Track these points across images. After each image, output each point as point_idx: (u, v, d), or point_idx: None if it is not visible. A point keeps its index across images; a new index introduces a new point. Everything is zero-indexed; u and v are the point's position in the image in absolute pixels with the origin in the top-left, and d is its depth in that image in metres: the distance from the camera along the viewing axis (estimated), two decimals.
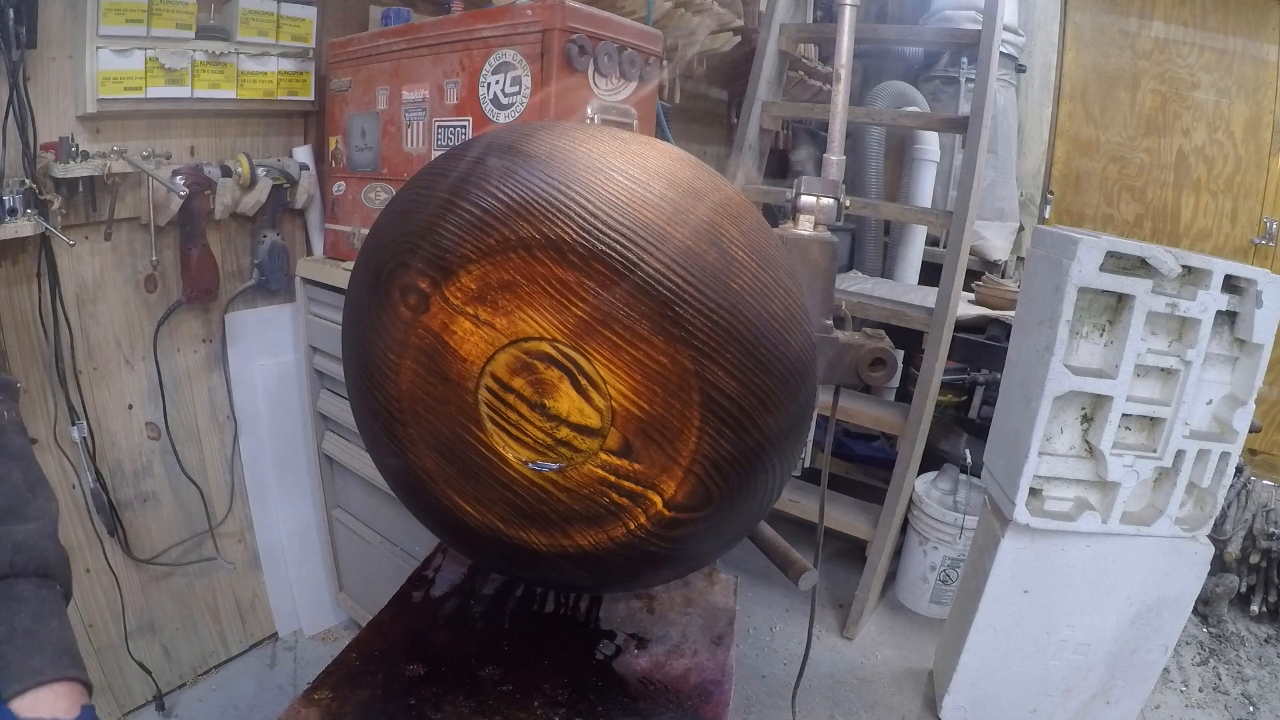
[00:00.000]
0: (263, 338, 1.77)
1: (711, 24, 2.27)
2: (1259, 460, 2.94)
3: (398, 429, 0.56)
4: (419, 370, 0.54)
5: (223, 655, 1.80)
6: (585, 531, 0.56)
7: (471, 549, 0.64)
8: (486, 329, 0.51)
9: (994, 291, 2.41)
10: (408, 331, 0.53)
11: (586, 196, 0.49)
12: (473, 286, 0.51)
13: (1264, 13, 2.98)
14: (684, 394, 0.50)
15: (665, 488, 0.53)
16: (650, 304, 0.49)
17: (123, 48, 1.36)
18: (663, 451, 0.52)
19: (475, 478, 0.55)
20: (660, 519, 0.54)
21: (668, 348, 0.50)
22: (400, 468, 0.58)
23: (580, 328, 0.50)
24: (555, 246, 0.49)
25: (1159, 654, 1.66)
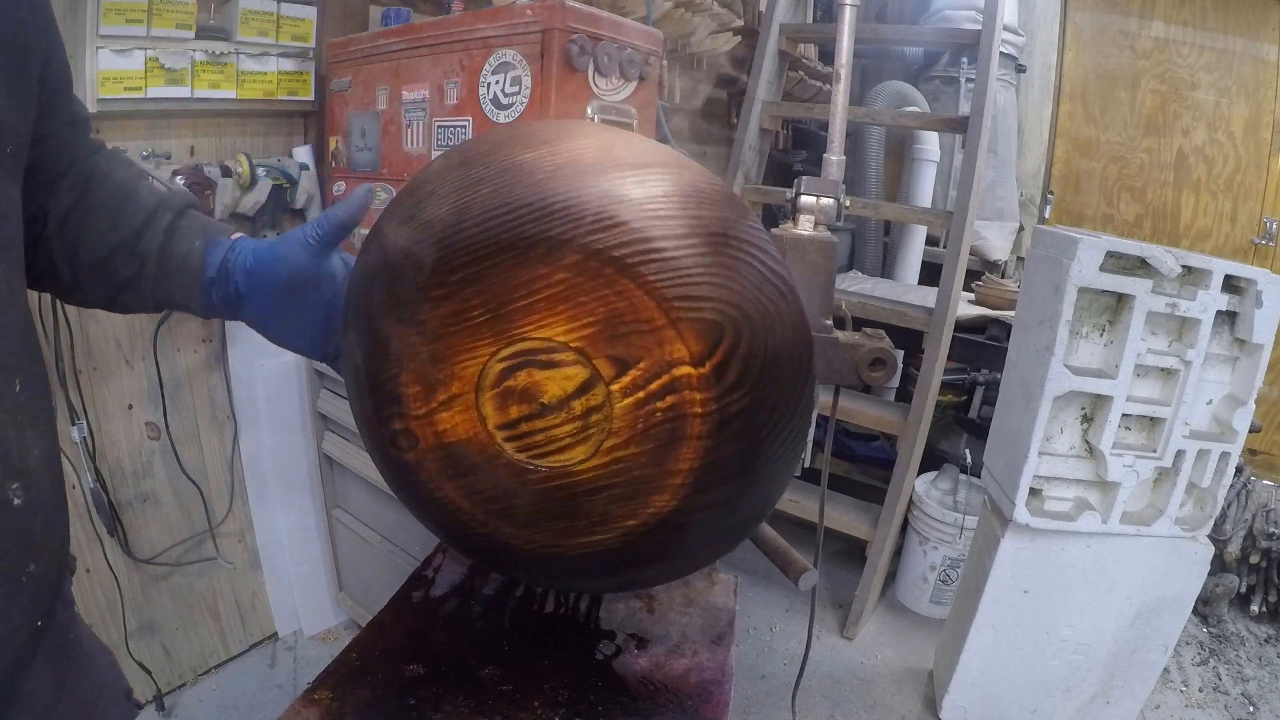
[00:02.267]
0: (263, 338, 1.77)
1: (711, 24, 2.27)
2: (1259, 460, 2.94)
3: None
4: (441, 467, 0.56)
5: (223, 655, 1.80)
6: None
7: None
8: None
9: (994, 291, 2.41)
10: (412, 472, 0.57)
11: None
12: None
13: (1264, 13, 2.98)
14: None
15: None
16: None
17: (122, 48, 1.36)
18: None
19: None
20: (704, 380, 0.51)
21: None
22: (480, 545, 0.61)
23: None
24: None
25: (1159, 654, 1.66)
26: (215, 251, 0.63)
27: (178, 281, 0.63)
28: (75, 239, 0.60)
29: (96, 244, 0.60)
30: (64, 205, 0.59)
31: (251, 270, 0.63)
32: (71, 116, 0.60)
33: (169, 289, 0.63)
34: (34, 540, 0.48)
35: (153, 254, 0.61)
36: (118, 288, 0.62)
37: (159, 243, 0.61)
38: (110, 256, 0.60)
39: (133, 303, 0.64)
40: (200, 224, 0.64)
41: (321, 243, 0.63)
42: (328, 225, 0.62)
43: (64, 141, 0.59)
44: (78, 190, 0.60)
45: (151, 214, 0.62)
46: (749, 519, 0.61)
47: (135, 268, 0.61)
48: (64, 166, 0.59)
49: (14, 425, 0.46)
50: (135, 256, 0.61)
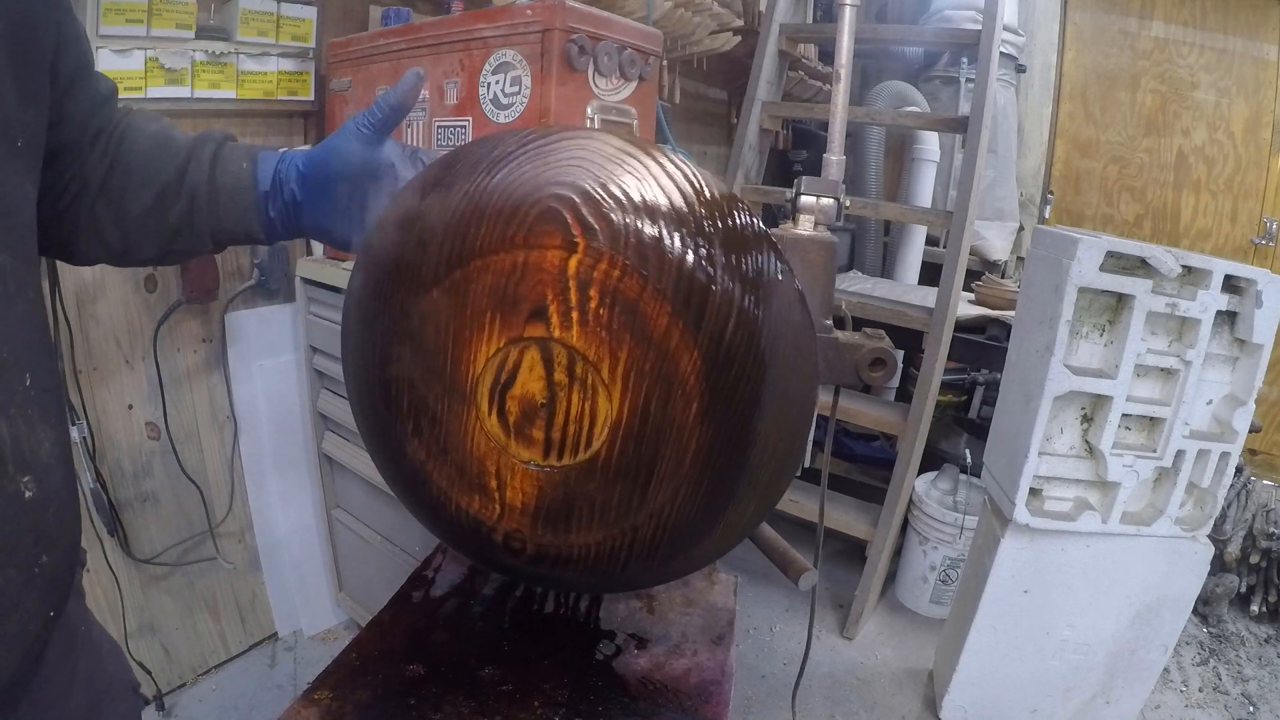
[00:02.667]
0: (263, 338, 1.77)
1: (711, 24, 2.27)
2: (1259, 460, 2.94)
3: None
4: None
5: (223, 655, 1.80)
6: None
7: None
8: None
9: (994, 291, 2.41)
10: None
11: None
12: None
13: (1264, 13, 2.98)
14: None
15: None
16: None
17: (122, 48, 1.36)
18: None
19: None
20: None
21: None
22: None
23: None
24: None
25: (1159, 654, 1.66)
26: (265, 165, 0.62)
27: (232, 206, 0.61)
28: (119, 194, 0.59)
29: (141, 192, 0.59)
30: (101, 167, 0.59)
31: (305, 173, 0.62)
32: (96, 98, 0.59)
33: (224, 217, 0.62)
34: (47, 532, 0.48)
35: (201, 185, 0.60)
36: (171, 233, 0.61)
37: (205, 173, 0.60)
38: (158, 201, 0.60)
39: (189, 244, 0.63)
40: (244, 147, 0.63)
41: (375, 130, 0.61)
42: (380, 111, 0.61)
43: (89, 120, 0.58)
44: (112, 151, 0.59)
45: (191, 150, 0.61)
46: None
47: (186, 206, 0.60)
48: (93, 136, 0.59)
49: (25, 419, 0.46)
50: (184, 193, 0.60)
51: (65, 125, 0.55)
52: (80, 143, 0.58)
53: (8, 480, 0.44)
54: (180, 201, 0.60)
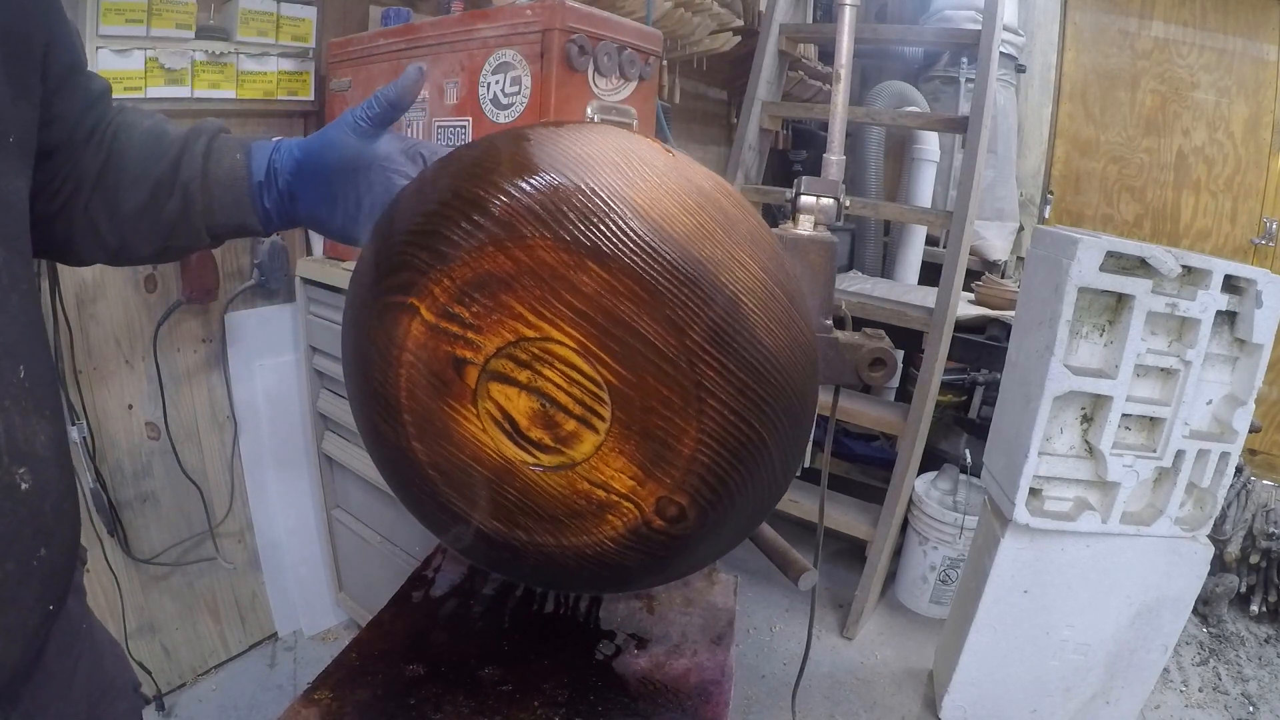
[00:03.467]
0: (263, 338, 1.77)
1: (711, 24, 2.27)
2: (1259, 460, 2.94)
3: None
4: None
5: (223, 655, 1.80)
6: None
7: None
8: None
9: (994, 291, 2.41)
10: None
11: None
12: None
13: (1264, 13, 2.98)
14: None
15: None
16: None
17: (122, 48, 1.36)
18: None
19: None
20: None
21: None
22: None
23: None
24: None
25: (1159, 654, 1.66)
26: (259, 155, 0.62)
27: (227, 199, 0.61)
28: (113, 190, 0.59)
29: (136, 188, 0.59)
30: (95, 165, 0.59)
31: (300, 162, 0.61)
32: (88, 96, 0.59)
33: (220, 211, 0.61)
34: (44, 525, 0.48)
35: (196, 178, 0.60)
36: (167, 228, 0.61)
37: (199, 166, 0.60)
38: (152, 197, 0.59)
39: (186, 240, 0.62)
40: (238, 139, 0.63)
41: (372, 124, 0.61)
42: (378, 105, 0.61)
43: (82, 118, 0.58)
44: (105, 147, 0.59)
45: (185, 143, 0.61)
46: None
47: (180, 200, 0.60)
48: (86, 134, 0.59)
49: (19, 411, 0.46)
50: (178, 187, 0.60)
51: (57, 124, 0.55)
52: (73, 141, 0.58)
53: (3, 472, 0.44)
54: (174, 196, 0.60)
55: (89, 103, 0.59)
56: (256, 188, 0.62)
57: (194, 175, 0.60)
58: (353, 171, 0.61)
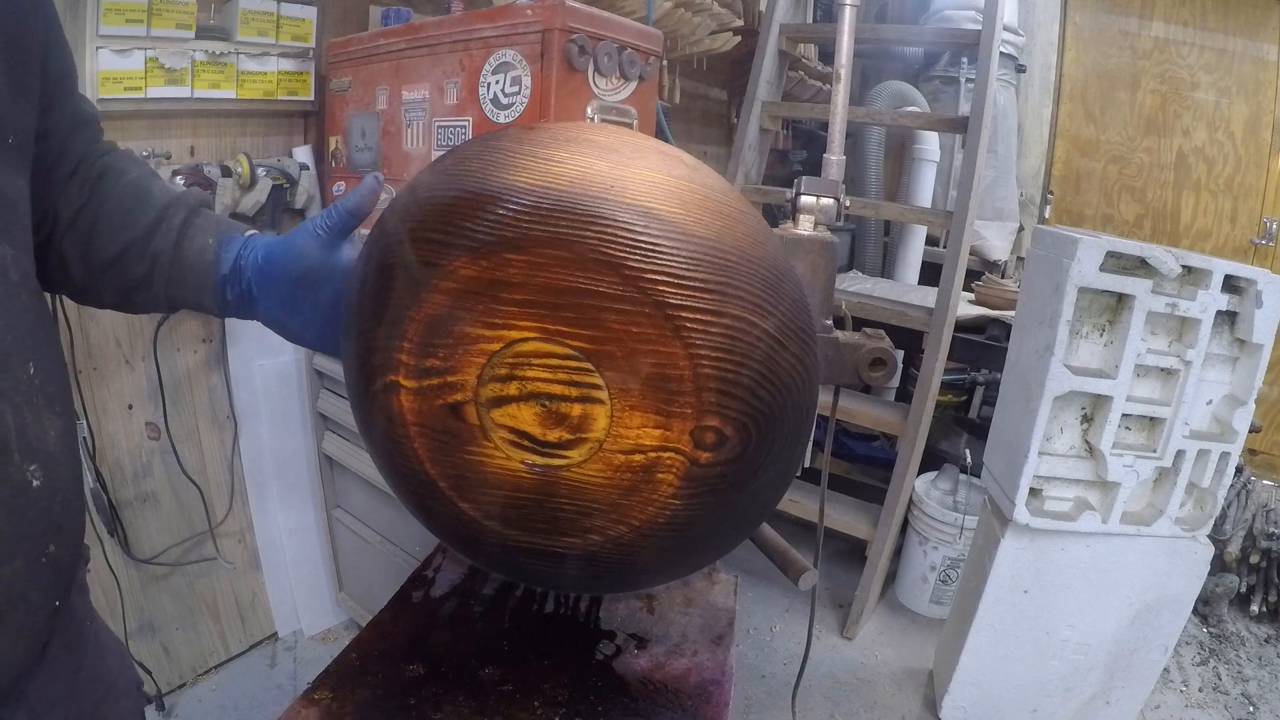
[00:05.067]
0: (263, 338, 1.77)
1: (711, 24, 2.27)
2: (1259, 460, 2.94)
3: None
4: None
5: (223, 655, 1.80)
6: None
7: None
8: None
9: (994, 291, 2.41)
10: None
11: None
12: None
13: (1264, 13, 2.98)
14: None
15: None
16: None
17: (123, 48, 1.36)
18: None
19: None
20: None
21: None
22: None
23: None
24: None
25: (1159, 654, 1.66)
26: (229, 249, 0.63)
27: (191, 279, 0.62)
28: (87, 237, 0.60)
29: (109, 242, 0.60)
30: (75, 204, 0.59)
31: (263, 266, 0.62)
32: (77, 115, 0.59)
33: (182, 288, 0.63)
34: (54, 521, 0.48)
35: (166, 252, 0.61)
36: (130, 287, 0.62)
37: (172, 240, 0.61)
38: (122, 255, 0.60)
39: (146, 302, 0.64)
40: (213, 222, 0.64)
41: (331, 233, 0.62)
42: (337, 215, 0.62)
43: (70, 140, 0.58)
44: (88, 188, 0.60)
45: (164, 212, 0.61)
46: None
47: (148, 266, 0.61)
48: (72, 165, 0.59)
49: (30, 408, 0.46)
50: (148, 255, 0.61)
51: (49, 139, 0.55)
52: (61, 168, 0.58)
53: (14, 469, 0.44)
54: (143, 263, 0.61)
55: (79, 123, 0.59)
56: (221, 280, 0.63)
57: (165, 249, 0.61)
58: (314, 280, 0.62)
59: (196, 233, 0.63)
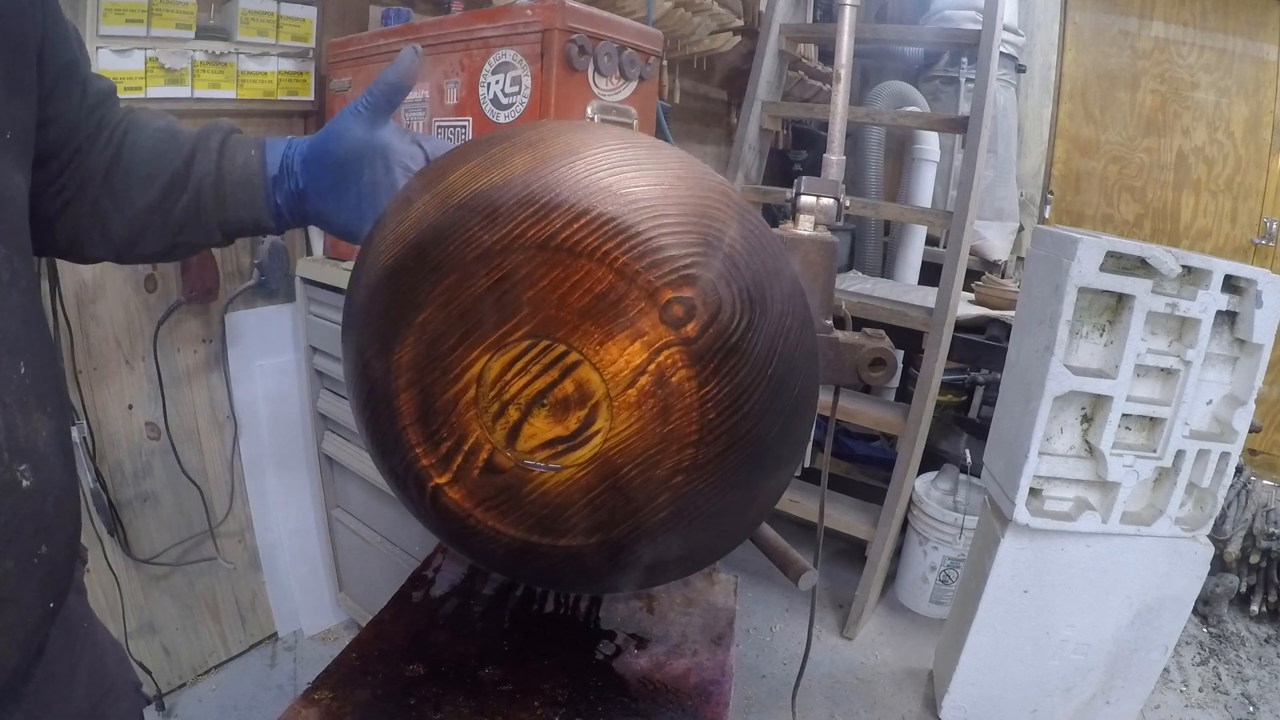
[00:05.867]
0: (263, 338, 1.77)
1: (711, 24, 2.27)
2: (1259, 460, 2.94)
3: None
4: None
5: (223, 655, 1.80)
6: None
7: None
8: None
9: (994, 291, 2.41)
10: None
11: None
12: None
13: (1264, 13, 2.98)
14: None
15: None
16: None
17: (122, 48, 1.36)
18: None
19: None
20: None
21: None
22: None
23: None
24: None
25: (1159, 654, 1.66)
26: (273, 151, 0.62)
27: (241, 194, 0.61)
28: (124, 188, 0.59)
29: (147, 185, 0.59)
30: (103, 163, 0.59)
31: (308, 156, 0.62)
32: (89, 96, 0.58)
33: (233, 206, 0.62)
34: (45, 522, 0.48)
35: (210, 174, 0.60)
36: (178, 226, 0.61)
37: (214, 161, 0.60)
38: (165, 193, 0.60)
39: (196, 236, 0.62)
40: (251, 139, 0.64)
41: (372, 110, 0.61)
42: (378, 92, 0.61)
43: (81, 119, 0.58)
44: (114, 146, 0.59)
45: (198, 141, 0.61)
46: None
47: (193, 196, 0.60)
48: (89, 134, 0.59)
49: (20, 407, 0.46)
50: (190, 184, 0.60)
51: (56, 124, 0.55)
52: (73, 140, 0.58)
53: (3, 469, 0.44)
54: (188, 192, 0.60)
55: (91, 104, 0.59)
56: (271, 183, 0.62)
57: (208, 171, 0.60)
58: (357, 161, 0.61)
59: (237, 148, 0.62)
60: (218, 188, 0.61)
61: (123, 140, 0.60)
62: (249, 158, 0.62)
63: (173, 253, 0.65)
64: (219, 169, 0.61)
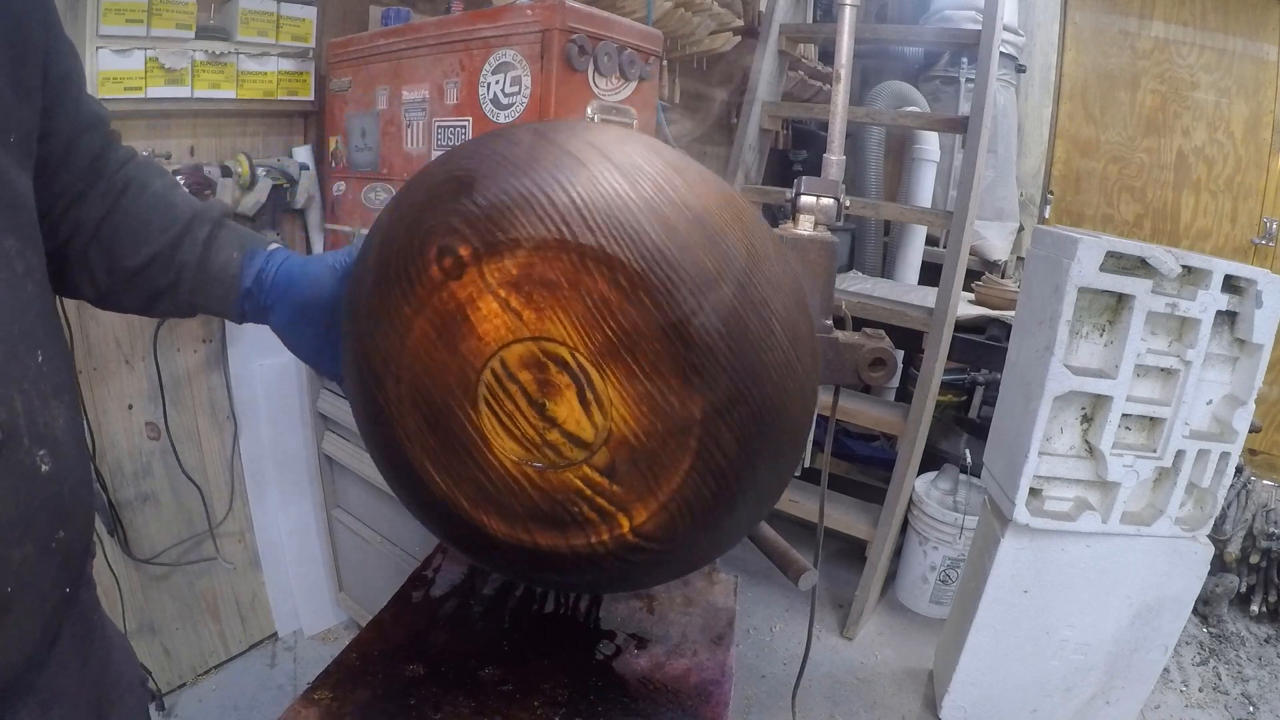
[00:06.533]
0: (263, 338, 1.76)
1: (711, 24, 2.27)
2: (1259, 460, 2.94)
3: (388, 383, 0.56)
4: (430, 333, 0.53)
5: (223, 655, 1.80)
6: (546, 533, 0.56)
7: (431, 520, 0.63)
8: (512, 316, 0.51)
9: (994, 291, 2.41)
10: (432, 292, 0.52)
11: (655, 225, 0.49)
12: (514, 272, 0.50)
13: (1264, 13, 2.98)
14: (683, 438, 0.51)
15: (636, 515, 0.54)
16: (682, 350, 0.49)
17: (123, 48, 1.36)
18: (644, 483, 0.52)
19: (453, 451, 0.55)
20: (622, 542, 0.54)
21: (683, 393, 0.50)
22: (380, 418, 0.58)
23: (606, 347, 0.50)
24: (610, 264, 0.49)
25: (1159, 654, 1.66)
26: (252, 263, 0.66)
27: (214, 291, 0.65)
28: (113, 244, 0.61)
29: (133, 253, 0.62)
30: (97, 214, 0.61)
31: (284, 286, 0.66)
32: (84, 116, 0.59)
33: (205, 297, 0.65)
34: (63, 507, 0.48)
35: (191, 263, 0.63)
36: (154, 295, 0.64)
37: (197, 253, 0.63)
38: (147, 265, 0.62)
39: (168, 308, 0.66)
40: (237, 235, 0.67)
41: (348, 270, 0.64)
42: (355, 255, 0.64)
43: (76, 141, 0.59)
44: (111, 199, 0.61)
45: (189, 225, 0.64)
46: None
47: (173, 276, 0.63)
48: (84, 167, 0.60)
49: (39, 394, 0.47)
50: (173, 266, 0.63)
51: (52, 139, 0.55)
52: (65, 168, 0.58)
53: (24, 453, 0.45)
54: (169, 271, 0.63)
55: (84, 125, 0.59)
56: (243, 293, 0.66)
57: (190, 260, 0.63)
58: (320, 309, 0.65)
59: (221, 246, 0.65)
60: (196, 279, 0.64)
61: (120, 194, 0.62)
62: (229, 261, 0.65)
63: (145, 312, 0.68)
64: (200, 263, 0.64)
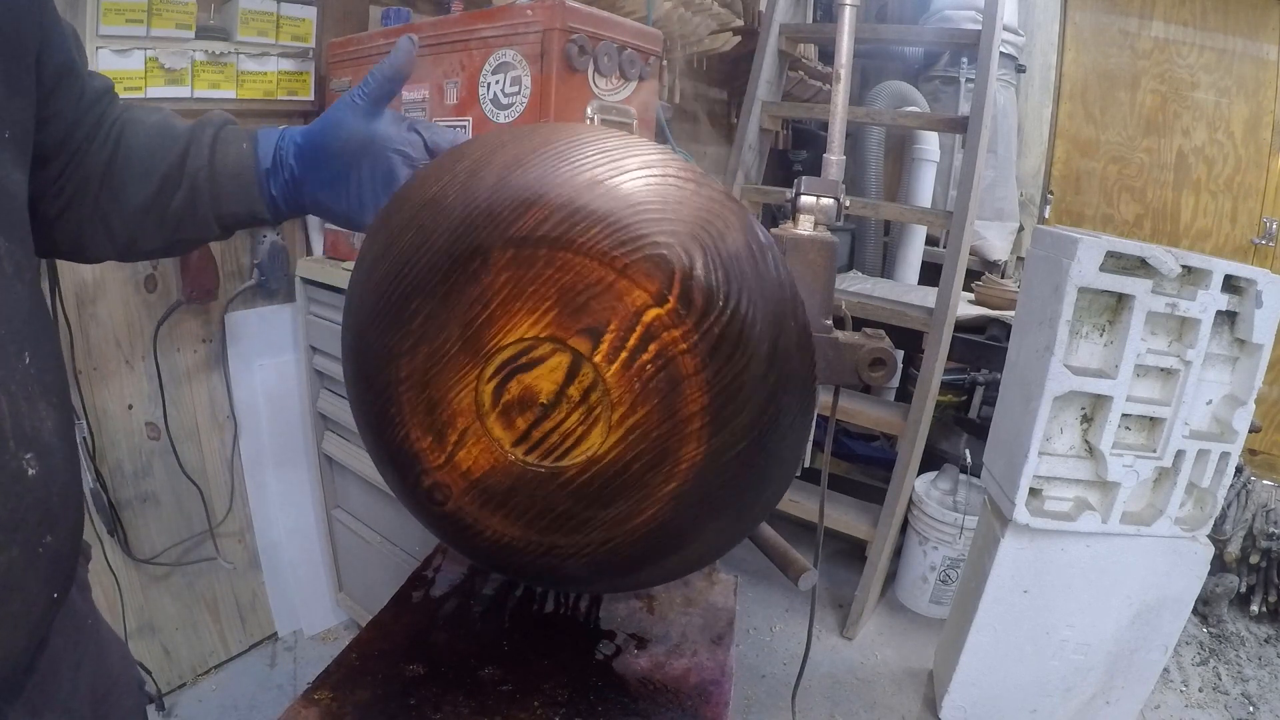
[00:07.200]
0: (263, 338, 1.77)
1: (711, 24, 2.27)
2: (1259, 460, 2.94)
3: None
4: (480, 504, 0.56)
5: (223, 655, 1.80)
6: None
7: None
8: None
9: (994, 291, 2.41)
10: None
11: None
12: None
13: (1264, 13, 2.98)
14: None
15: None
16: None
17: (122, 48, 1.36)
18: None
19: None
20: (674, 314, 0.49)
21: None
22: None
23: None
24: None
25: (1159, 654, 1.66)
26: (265, 143, 0.63)
27: (234, 187, 0.62)
28: (121, 185, 0.60)
29: (143, 182, 0.60)
30: (101, 161, 0.59)
31: (303, 147, 0.62)
32: (85, 92, 0.59)
33: (227, 199, 0.62)
34: (50, 511, 0.48)
35: (203, 169, 0.61)
36: (175, 221, 0.62)
37: (206, 156, 0.61)
38: (160, 189, 0.60)
39: (195, 231, 0.63)
40: (244, 129, 0.64)
41: (369, 100, 0.61)
42: (374, 82, 0.61)
43: (79, 115, 0.58)
44: (111, 143, 0.60)
45: (191, 135, 0.61)
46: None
47: (188, 191, 0.61)
48: (88, 132, 0.59)
49: (25, 396, 0.46)
50: (185, 179, 0.60)
51: (54, 123, 0.55)
52: (72, 139, 0.58)
53: (10, 456, 0.44)
54: (182, 188, 0.60)
55: (89, 100, 0.59)
56: (264, 175, 0.62)
57: (201, 166, 0.61)
58: (356, 152, 0.61)
59: (230, 142, 0.62)
60: (211, 182, 0.61)
61: (120, 136, 0.60)
62: (241, 151, 0.62)
63: (173, 248, 0.65)
64: (211, 164, 0.61)
